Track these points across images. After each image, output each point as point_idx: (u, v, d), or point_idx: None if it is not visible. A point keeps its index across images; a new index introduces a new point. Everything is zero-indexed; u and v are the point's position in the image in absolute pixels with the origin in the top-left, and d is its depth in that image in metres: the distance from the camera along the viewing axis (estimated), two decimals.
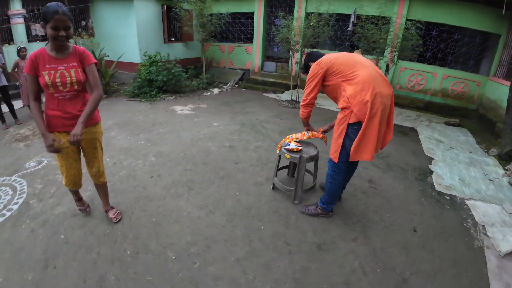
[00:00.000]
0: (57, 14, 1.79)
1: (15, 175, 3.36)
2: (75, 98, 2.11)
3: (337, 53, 2.41)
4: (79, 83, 2.07)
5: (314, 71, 2.40)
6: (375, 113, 2.14)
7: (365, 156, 2.25)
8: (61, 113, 2.06)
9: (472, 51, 6.84)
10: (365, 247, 2.37)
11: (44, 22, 1.83)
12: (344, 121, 2.27)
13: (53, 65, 1.95)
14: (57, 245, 2.29)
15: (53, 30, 1.82)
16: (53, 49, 1.96)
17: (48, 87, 1.97)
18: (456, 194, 3.26)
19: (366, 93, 2.13)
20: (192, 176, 3.37)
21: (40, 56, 1.92)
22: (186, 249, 2.28)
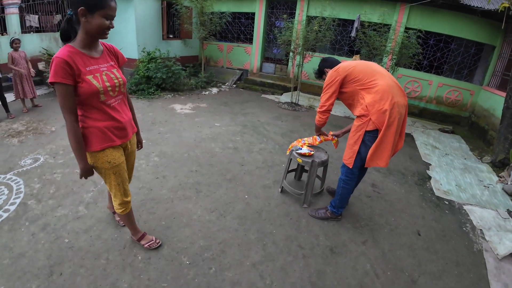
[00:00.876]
0: (112, 0, 1.47)
1: (10, 173, 3.19)
2: (123, 104, 1.82)
3: (354, 61, 2.42)
4: (125, 85, 1.77)
5: (332, 78, 2.39)
6: (392, 122, 2.19)
7: (380, 163, 2.30)
8: (115, 123, 1.72)
9: (467, 60, 7.02)
10: (375, 250, 2.43)
11: (90, 8, 1.41)
12: (361, 128, 2.29)
13: (94, 66, 1.57)
14: (62, 250, 2.15)
15: (106, 20, 1.47)
16: (86, 45, 1.55)
17: (99, 95, 1.58)
18: (454, 199, 3.39)
19: (385, 102, 2.16)
20: (198, 178, 3.30)
21: (76, 56, 1.48)
22: (200, 254, 2.21)
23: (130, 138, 1.89)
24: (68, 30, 1.52)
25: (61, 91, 1.45)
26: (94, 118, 1.63)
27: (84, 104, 1.58)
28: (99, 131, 1.66)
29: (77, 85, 1.50)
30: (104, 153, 1.71)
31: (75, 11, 1.43)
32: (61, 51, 1.45)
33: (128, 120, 1.84)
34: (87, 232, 2.35)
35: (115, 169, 1.79)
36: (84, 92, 1.52)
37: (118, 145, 1.78)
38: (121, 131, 1.77)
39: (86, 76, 1.51)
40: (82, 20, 1.44)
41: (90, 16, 1.43)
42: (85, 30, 1.48)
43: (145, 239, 2.23)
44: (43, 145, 3.93)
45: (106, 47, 1.72)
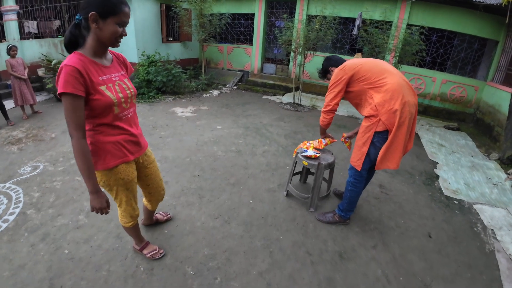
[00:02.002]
0: (125, 5, 1.34)
1: (9, 182, 3.13)
2: (135, 116, 1.68)
3: (362, 59, 2.32)
4: (135, 96, 1.64)
5: (338, 77, 2.29)
6: (403, 122, 2.09)
7: (391, 165, 2.21)
8: (128, 136, 1.59)
9: (470, 56, 6.93)
10: (385, 254, 2.34)
11: (103, 13, 1.28)
12: (370, 129, 2.19)
13: (107, 76, 1.44)
14: (62, 261, 2.08)
15: (119, 27, 1.35)
16: (96, 53, 1.41)
17: (113, 107, 1.44)
18: (463, 198, 3.31)
19: (395, 101, 2.07)
20: (201, 183, 3.22)
21: (88, 65, 1.34)
22: (205, 263, 2.13)
23: (144, 151, 1.79)
24: (75, 36, 1.38)
25: (71, 103, 1.28)
26: (106, 133, 1.49)
27: (95, 118, 1.43)
28: (111, 146, 1.52)
29: (89, 97, 1.35)
30: (117, 170, 1.58)
31: (85, 16, 1.29)
32: (71, 58, 1.30)
33: (140, 133, 1.73)
34: (87, 242, 2.27)
35: (127, 185, 1.68)
36: (98, 105, 1.37)
37: (131, 160, 1.67)
38: (135, 145, 1.66)
39: (99, 87, 1.37)
40: (93, 26, 1.30)
41: (102, 22, 1.30)
42: (96, 37, 1.35)
43: (148, 249, 2.15)
44: (43, 152, 3.87)
45: (115, 55, 1.60)
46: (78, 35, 1.38)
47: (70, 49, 1.42)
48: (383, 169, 3.75)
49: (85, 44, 1.38)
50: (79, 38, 1.39)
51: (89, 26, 1.32)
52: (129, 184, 1.68)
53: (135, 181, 1.75)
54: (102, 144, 1.49)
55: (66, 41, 1.40)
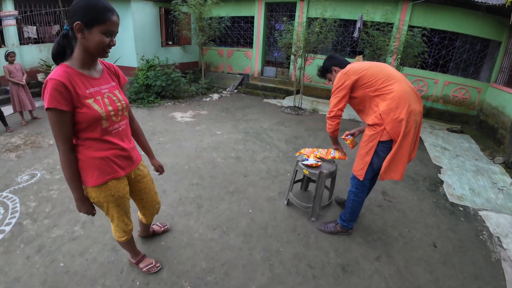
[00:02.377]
0: (112, 14, 1.28)
1: (6, 191, 3.09)
2: (127, 129, 1.61)
3: (366, 62, 2.23)
4: (128, 108, 1.58)
5: (341, 81, 2.19)
6: (408, 132, 2.01)
7: (394, 176, 2.13)
8: (118, 151, 1.52)
9: (473, 57, 6.85)
10: (389, 267, 2.26)
11: (87, 23, 1.22)
12: (374, 139, 2.12)
13: (95, 88, 1.37)
14: (57, 274, 2.04)
15: (106, 36, 1.28)
16: (84, 64, 1.35)
17: (101, 121, 1.39)
18: (468, 204, 3.24)
19: (401, 110, 1.98)
20: (199, 192, 3.15)
21: (74, 78, 1.29)
22: (202, 277, 2.06)
23: (137, 166, 1.72)
24: (63, 47, 1.33)
25: (56, 118, 1.26)
26: (94, 148, 1.43)
27: (83, 131, 1.38)
28: (100, 162, 1.46)
29: (76, 111, 1.30)
30: (107, 186, 1.52)
31: (71, 26, 1.25)
32: (56, 71, 1.25)
33: (132, 147, 1.66)
34: (82, 255, 2.22)
35: (118, 201, 1.62)
36: (85, 119, 1.32)
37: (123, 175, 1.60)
38: (126, 160, 1.59)
39: (86, 100, 1.32)
40: (78, 36, 1.26)
41: (88, 31, 1.25)
42: (83, 47, 1.30)
43: (144, 262, 2.09)
44: (41, 160, 3.83)
45: (106, 66, 1.53)
46: (66, 45, 1.34)
47: (57, 61, 1.36)
48: None
49: (72, 55, 1.33)
50: (67, 49, 1.34)
51: (76, 36, 1.27)
52: (120, 200, 1.62)
53: (127, 196, 1.69)
54: (90, 160, 1.44)
55: (54, 52, 1.35)
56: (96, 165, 1.46)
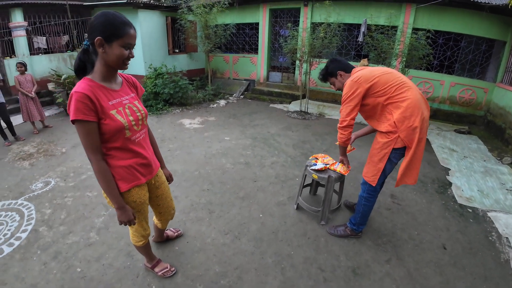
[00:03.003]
0: (130, 27, 1.35)
1: (21, 198, 3.18)
2: (147, 138, 1.69)
3: (376, 68, 2.20)
4: (147, 117, 1.65)
5: (353, 89, 2.14)
6: (422, 138, 2.07)
7: (409, 181, 2.19)
8: (140, 159, 1.59)
9: (478, 58, 6.84)
10: (400, 269, 2.27)
11: (107, 38, 1.30)
12: (388, 146, 2.13)
13: (117, 100, 1.44)
14: (74, 280, 2.09)
15: (125, 49, 1.36)
16: (106, 77, 1.42)
17: (124, 131, 1.45)
18: (477, 206, 3.24)
19: (415, 118, 2.01)
20: (210, 197, 3.20)
21: (97, 90, 1.35)
22: (216, 281, 2.10)
23: (155, 174, 1.79)
24: (84, 62, 1.41)
25: (84, 129, 1.32)
26: (118, 157, 1.50)
27: (107, 142, 1.44)
28: (123, 170, 1.52)
29: (100, 122, 1.36)
30: (130, 193, 1.59)
31: (91, 41, 1.32)
32: (80, 85, 1.32)
33: (152, 155, 1.73)
34: (99, 261, 2.28)
35: (139, 207, 1.68)
36: (109, 130, 1.38)
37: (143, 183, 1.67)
38: (147, 168, 1.66)
39: (110, 111, 1.38)
40: (99, 51, 1.33)
41: (108, 46, 1.32)
42: (104, 61, 1.37)
43: (159, 266, 2.14)
44: (54, 168, 3.92)
45: (125, 78, 1.60)
46: (87, 60, 1.41)
47: (79, 75, 1.43)
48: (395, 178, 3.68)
49: (93, 69, 1.40)
50: (88, 63, 1.41)
51: (96, 51, 1.34)
52: (141, 206, 1.68)
53: (147, 202, 1.76)
54: (115, 169, 1.50)
55: (76, 67, 1.43)
56: (121, 173, 1.52)
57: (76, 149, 4.55)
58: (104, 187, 1.46)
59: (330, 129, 5.83)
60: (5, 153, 4.43)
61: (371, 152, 2.29)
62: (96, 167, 1.41)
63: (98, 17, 1.32)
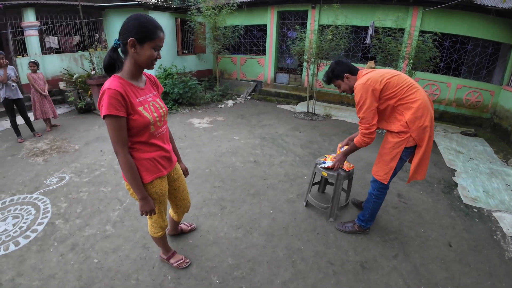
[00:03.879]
0: (161, 31, 1.44)
1: (36, 193, 3.26)
2: (167, 132, 1.79)
3: (383, 71, 2.25)
4: (167, 114, 1.74)
5: (368, 91, 2.14)
6: (431, 136, 2.16)
7: (419, 177, 2.29)
8: (162, 152, 1.69)
9: (484, 60, 6.85)
10: (407, 264, 2.33)
11: (140, 39, 1.37)
12: (400, 145, 2.22)
13: (143, 97, 1.53)
14: (92, 271, 2.15)
15: (154, 51, 1.44)
16: (133, 76, 1.51)
17: (150, 126, 1.54)
18: (483, 206, 3.28)
19: (426, 118, 2.11)
20: (222, 194, 3.28)
21: (127, 87, 1.43)
22: (230, 272, 2.18)
23: (174, 166, 1.89)
24: (114, 60, 1.48)
25: (115, 124, 1.39)
26: (143, 150, 1.58)
27: (133, 136, 1.52)
28: (148, 162, 1.61)
29: (128, 117, 1.44)
30: (152, 184, 1.67)
31: (124, 41, 1.39)
32: (112, 82, 1.40)
33: (172, 148, 1.84)
34: (115, 252, 2.35)
35: (160, 198, 1.77)
36: (136, 125, 1.47)
37: (165, 175, 1.76)
38: (168, 161, 1.76)
39: (138, 108, 1.47)
40: (131, 51, 1.40)
41: (140, 47, 1.39)
42: (134, 60, 1.44)
43: (174, 258, 2.21)
44: (68, 164, 4.01)
45: (148, 76, 1.68)
46: (116, 58, 1.48)
47: (108, 72, 1.52)
48: (401, 178, 3.73)
49: (123, 67, 1.48)
50: (117, 61, 1.49)
51: (127, 50, 1.42)
52: (162, 197, 1.77)
53: (167, 194, 1.84)
54: (139, 161, 1.58)
55: (105, 64, 1.51)
56: (145, 165, 1.61)
57: (89, 146, 4.66)
58: (129, 178, 1.53)
59: (337, 130, 5.88)
60: (19, 149, 4.54)
61: (381, 152, 2.36)
62: (123, 160, 1.48)
63: (132, 19, 1.39)
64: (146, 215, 1.68)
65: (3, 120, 6.08)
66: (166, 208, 1.93)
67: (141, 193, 1.59)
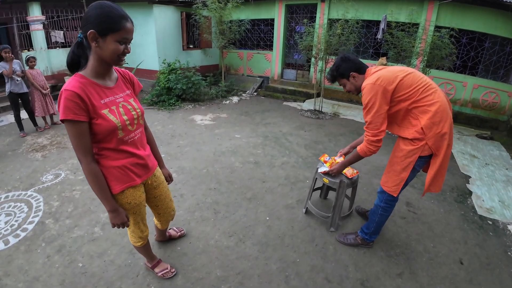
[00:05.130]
0: (127, 21, 1.24)
1: (31, 190, 3.22)
2: (142, 136, 1.59)
3: (396, 68, 1.98)
4: (143, 116, 1.55)
5: (378, 93, 1.88)
6: (449, 145, 1.90)
7: (434, 189, 2.05)
8: (135, 159, 1.50)
9: (503, 59, 6.46)
10: (412, 284, 2.12)
11: (101, 31, 1.19)
12: (414, 154, 1.95)
13: (110, 98, 1.35)
14: (75, 275, 2.08)
15: (120, 44, 1.25)
16: (99, 74, 1.33)
17: (117, 131, 1.37)
18: (498, 217, 3.04)
19: (444, 124, 1.85)
20: (217, 197, 3.13)
21: (89, 88, 1.26)
22: (217, 286, 2.03)
23: (152, 174, 1.70)
24: (78, 56, 1.31)
25: (75, 130, 1.24)
26: (111, 157, 1.42)
27: (99, 142, 1.37)
28: (117, 171, 1.44)
29: (91, 122, 1.28)
30: (123, 194, 1.51)
31: (85, 34, 1.23)
32: (71, 82, 1.22)
33: (148, 154, 1.64)
34: (101, 257, 2.26)
35: (135, 209, 1.61)
36: (101, 130, 1.30)
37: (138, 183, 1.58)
38: (142, 168, 1.58)
39: (101, 111, 1.29)
40: (92, 45, 1.23)
41: (102, 40, 1.21)
42: (97, 56, 1.27)
43: (159, 267, 2.08)
44: (65, 160, 3.96)
45: (121, 73, 1.50)
46: (81, 54, 1.31)
47: (72, 70, 1.34)
48: (411, 185, 3.50)
49: (87, 64, 1.31)
50: (82, 58, 1.32)
51: (90, 44, 1.25)
52: (136, 208, 1.61)
53: (143, 204, 1.69)
54: (107, 169, 1.42)
55: (69, 61, 1.33)
56: (114, 174, 1.44)
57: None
58: (95, 190, 1.38)
59: (345, 130, 5.65)
60: (20, 144, 4.52)
61: (392, 160, 2.10)
62: (87, 169, 1.32)
63: (93, 8, 1.21)
64: (119, 228, 1.52)
65: (8, 114, 6.10)
66: (145, 218, 1.78)
67: (110, 205, 1.43)
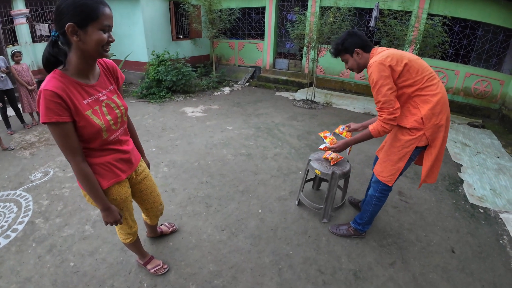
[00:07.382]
0: (104, 5, 1.13)
1: (20, 189, 3.15)
2: (125, 132, 1.53)
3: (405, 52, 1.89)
4: (126, 112, 1.47)
5: (386, 72, 1.78)
6: (445, 137, 1.90)
7: (430, 180, 2.06)
8: (119, 155, 1.46)
9: (495, 48, 6.46)
10: (404, 273, 2.15)
11: (80, 22, 1.09)
12: (411, 144, 1.93)
13: (93, 97, 1.27)
14: (67, 275, 2.05)
15: (104, 33, 1.14)
16: (81, 71, 1.22)
17: (101, 133, 1.30)
18: (489, 206, 3.07)
19: (443, 116, 1.83)
20: (209, 190, 3.11)
21: (70, 87, 1.17)
22: (210, 280, 2.02)
23: (136, 168, 1.66)
24: (55, 57, 1.18)
25: (60, 132, 1.15)
26: (95, 155, 1.36)
27: (82, 142, 1.29)
28: (101, 168, 1.40)
29: (75, 123, 1.21)
30: (109, 191, 1.47)
31: (61, 30, 1.10)
32: (50, 81, 1.11)
33: (132, 148, 1.60)
34: (92, 255, 2.23)
35: (121, 205, 1.57)
36: (84, 133, 1.23)
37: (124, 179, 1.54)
38: (126, 164, 1.53)
39: (85, 112, 1.21)
40: (73, 40, 1.11)
41: (83, 32, 1.10)
42: (80, 52, 1.15)
43: (151, 264, 2.07)
44: (54, 157, 3.88)
45: (103, 66, 1.39)
46: (57, 53, 1.18)
47: (50, 71, 1.21)
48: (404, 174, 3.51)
49: (67, 62, 1.20)
50: (60, 57, 1.19)
51: (69, 41, 1.13)
52: (123, 203, 1.58)
53: (130, 199, 1.64)
54: (91, 166, 1.36)
55: (44, 62, 1.21)
56: (98, 171, 1.40)
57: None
58: (87, 189, 1.33)
59: (337, 120, 5.63)
60: (7, 142, 4.40)
61: (388, 150, 2.08)
62: (77, 170, 1.26)
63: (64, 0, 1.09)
64: (112, 225, 1.49)
65: None
66: (132, 214, 1.74)
67: (102, 204, 1.40)
